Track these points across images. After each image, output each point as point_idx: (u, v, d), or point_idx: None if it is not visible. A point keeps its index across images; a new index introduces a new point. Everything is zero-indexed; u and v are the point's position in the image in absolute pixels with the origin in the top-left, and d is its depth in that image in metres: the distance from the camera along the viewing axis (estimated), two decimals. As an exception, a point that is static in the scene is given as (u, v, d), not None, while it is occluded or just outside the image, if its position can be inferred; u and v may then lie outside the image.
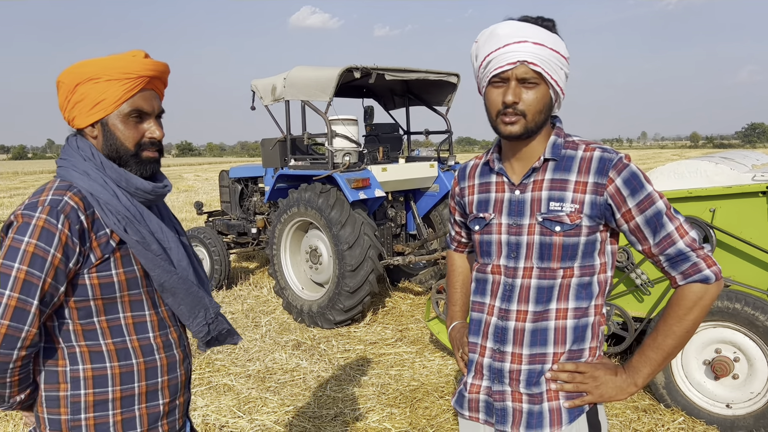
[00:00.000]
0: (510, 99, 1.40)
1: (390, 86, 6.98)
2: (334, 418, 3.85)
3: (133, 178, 1.46)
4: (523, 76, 1.39)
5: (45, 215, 1.34)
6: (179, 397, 1.59)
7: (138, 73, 1.44)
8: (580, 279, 1.47)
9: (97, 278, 1.40)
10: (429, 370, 4.62)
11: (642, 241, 1.44)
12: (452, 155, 6.77)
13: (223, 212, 8.14)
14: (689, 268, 1.39)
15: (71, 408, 1.43)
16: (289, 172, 6.06)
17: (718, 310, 3.38)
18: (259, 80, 6.41)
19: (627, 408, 3.77)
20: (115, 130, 1.45)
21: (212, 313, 1.60)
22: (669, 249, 1.40)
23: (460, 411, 1.63)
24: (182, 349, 1.61)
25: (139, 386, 1.48)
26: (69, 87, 1.43)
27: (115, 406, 1.46)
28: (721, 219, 3.56)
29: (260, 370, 4.69)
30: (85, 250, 1.38)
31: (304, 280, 6.15)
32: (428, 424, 3.70)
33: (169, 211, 1.69)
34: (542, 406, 1.48)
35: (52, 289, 1.34)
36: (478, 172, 1.64)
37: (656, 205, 1.40)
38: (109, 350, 1.45)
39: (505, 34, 1.40)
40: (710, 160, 3.88)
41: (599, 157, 1.44)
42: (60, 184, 1.42)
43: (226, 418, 3.86)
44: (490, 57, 1.41)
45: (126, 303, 1.47)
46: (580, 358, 1.50)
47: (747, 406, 3.40)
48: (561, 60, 1.42)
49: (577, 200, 1.43)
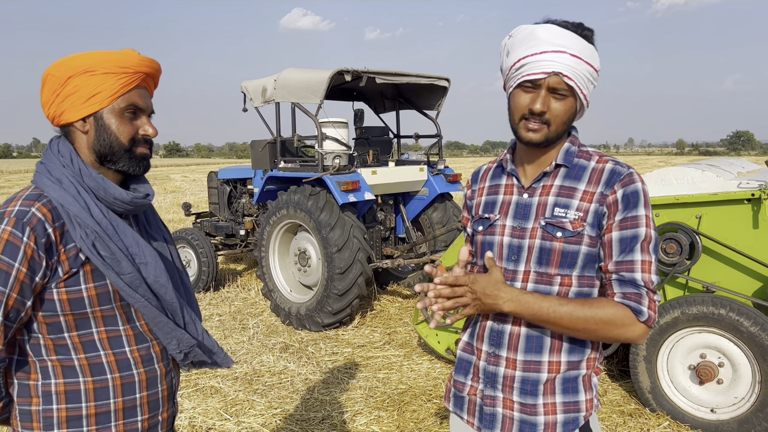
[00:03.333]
0: (539, 108, 1.39)
1: (380, 90, 7.00)
2: (321, 421, 3.84)
3: (112, 187, 1.40)
4: (555, 86, 1.38)
5: (10, 227, 1.29)
6: (162, 412, 1.52)
7: (135, 68, 1.41)
8: (578, 289, 1.45)
9: (66, 293, 1.34)
10: (417, 373, 4.63)
11: (606, 258, 1.40)
12: (442, 159, 6.79)
13: (212, 213, 8.10)
14: (633, 294, 1.36)
15: (44, 423, 1.38)
16: (279, 174, 6.05)
17: (704, 316, 3.42)
18: (249, 82, 6.39)
19: (613, 412, 3.80)
20: (109, 124, 1.40)
21: (185, 345, 1.50)
22: (625, 273, 1.37)
23: (459, 413, 1.61)
24: (165, 363, 1.53)
25: (115, 402, 1.42)
26: (60, 80, 1.38)
27: (90, 422, 1.40)
28: (707, 225, 3.61)
29: (247, 372, 4.67)
30: (52, 263, 1.32)
31: (292, 283, 6.13)
32: (416, 427, 3.70)
33: (158, 220, 1.63)
34: (537, 419, 1.46)
35: (17, 304, 1.30)
36: (490, 175, 1.64)
37: (637, 230, 1.37)
38: (82, 365, 1.39)
39: (544, 39, 1.37)
40: (697, 167, 3.92)
41: (611, 170, 1.43)
42: (30, 193, 1.36)
43: (213, 420, 3.84)
44: (526, 60, 1.38)
45: (98, 318, 1.40)
46: (578, 369, 1.48)
47: (731, 411, 3.44)
48: (593, 74, 1.41)
49: (582, 209, 1.42)
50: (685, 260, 3.62)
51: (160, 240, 1.58)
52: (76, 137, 1.43)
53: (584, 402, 1.48)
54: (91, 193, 1.38)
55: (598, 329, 1.37)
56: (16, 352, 1.40)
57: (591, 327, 1.37)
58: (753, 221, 3.48)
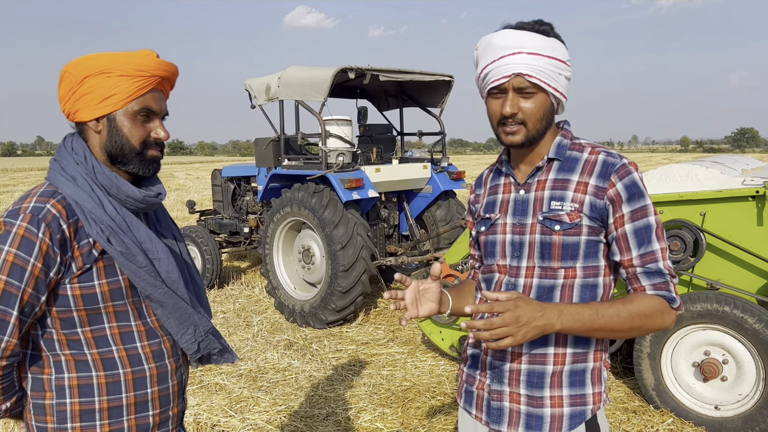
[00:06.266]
0: (508, 111, 1.41)
1: (384, 87, 7.00)
2: (326, 417, 3.86)
3: (124, 185, 1.42)
4: (519, 86, 1.40)
5: (26, 224, 1.30)
6: (172, 408, 1.54)
7: (152, 71, 1.41)
8: (584, 280, 1.46)
9: (79, 289, 1.37)
10: (421, 370, 4.64)
11: (624, 252, 1.42)
12: (445, 157, 6.79)
13: (216, 211, 8.12)
14: (662, 284, 1.40)
15: (57, 417, 1.40)
16: (283, 171, 6.06)
17: (708, 313, 3.42)
18: (253, 79, 6.40)
19: (617, 409, 3.81)
20: (122, 126, 1.41)
21: (202, 331, 1.54)
22: (651, 264, 1.40)
23: (468, 409, 1.62)
24: (175, 359, 1.55)
25: (127, 397, 1.44)
26: (76, 78, 1.39)
27: (102, 416, 1.42)
28: (712, 222, 3.60)
29: (252, 369, 4.69)
30: (66, 259, 1.35)
31: (296, 280, 6.15)
32: (420, 424, 3.71)
33: (168, 218, 1.65)
34: (543, 411, 1.47)
35: (32, 299, 1.32)
36: (491, 177, 1.67)
37: (648, 219, 1.41)
38: (95, 359, 1.42)
39: (500, 45, 1.40)
40: (701, 164, 3.92)
41: (603, 161, 1.44)
42: (45, 189, 1.38)
43: (217, 417, 3.86)
44: (487, 69, 1.42)
45: (111, 313, 1.42)
46: (586, 362, 1.48)
47: (735, 408, 3.44)
48: (559, 65, 1.42)
49: (577, 200, 1.44)
50: (689, 257, 3.62)
51: (170, 238, 1.60)
52: (90, 135, 1.45)
53: (592, 395, 1.49)
54: (104, 190, 1.41)
55: (642, 324, 1.39)
56: (29, 347, 1.42)
57: (636, 324, 1.39)
58: (757, 218, 3.47)
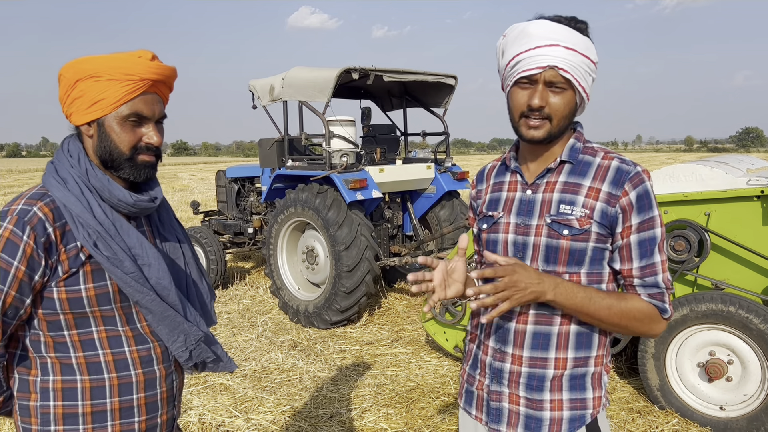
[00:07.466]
0: (537, 103, 1.37)
1: (388, 88, 7.00)
2: (330, 418, 3.86)
3: (116, 189, 1.39)
4: (551, 79, 1.36)
5: (11, 226, 1.30)
6: (161, 415, 1.52)
7: (141, 75, 1.36)
8: (587, 286, 1.43)
9: (66, 292, 1.35)
10: (425, 370, 4.64)
11: (625, 261, 1.42)
12: (449, 157, 6.79)
13: (220, 212, 8.14)
14: (657, 294, 1.42)
15: (41, 419, 1.39)
16: (287, 172, 6.07)
17: (713, 313, 3.41)
18: (257, 80, 6.41)
19: (621, 410, 3.80)
20: (110, 132, 1.38)
21: (192, 339, 1.49)
22: (649, 277, 1.41)
23: (468, 409, 1.62)
24: (166, 365, 1.52)
25: (112, 402, 1.42)
26: (69, 82, 1.37)
27: (86, 420, 1.40)
28: (716, 222, 3.59)
29: (256, 369, 4.70)
30: (52, 262, 1.33)
31: (300, 281, 6.16)
32: (424, 425, 3.72)
33: (172, 219, 1.61)
34: (542, 414, 1.47)
35: (16, 301, 1.31)
36: (494, 173, 1.63)
37: (654, 231, 1.40)
38: (79, 363, 1.40)
39: (537, 34, 1.36)
40: (705, 164, 3.91)
41: (617, 168, 1.42)
42: (35, 192, 1.37)
43: (222, 417, 3.87)
44: (520, 57, 1.37)
45: (98, 318, 1.40)
46: (586, 366, 1.48)
47: (740, 409, 3.43)
48: (590, 65, 1.39)
49: (588, 206, 1.41)
50: (693, 257, 3.61)
51: (172, 240, 1.57)
52: (85, 138, 1.44)
53: (592, 399, 1.48)
54: (96, 194, 1.39)
55: (629, 325, 1.41)
56: (18, 347, 1.41)
57: (624, 323, 1.40)
58: (762, 218, 3.47)
